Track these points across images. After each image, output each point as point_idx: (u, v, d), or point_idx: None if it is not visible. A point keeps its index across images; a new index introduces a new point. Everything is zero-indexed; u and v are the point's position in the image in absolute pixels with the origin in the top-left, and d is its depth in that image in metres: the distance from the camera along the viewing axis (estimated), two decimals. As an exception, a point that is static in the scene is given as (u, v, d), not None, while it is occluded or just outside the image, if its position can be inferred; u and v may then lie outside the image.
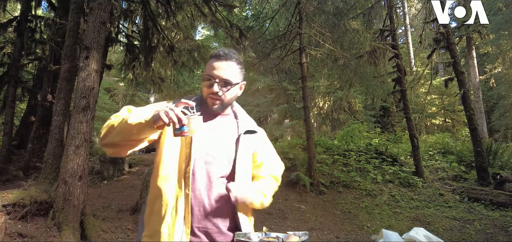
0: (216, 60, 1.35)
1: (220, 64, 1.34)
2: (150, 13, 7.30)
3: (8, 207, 3.78)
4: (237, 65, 1.39)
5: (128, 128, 1.20)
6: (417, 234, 3.84)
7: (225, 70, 1.34)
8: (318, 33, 8.06)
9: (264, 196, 1.42)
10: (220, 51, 1.38)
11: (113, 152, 1.32)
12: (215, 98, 1.34)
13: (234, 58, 1.38)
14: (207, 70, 1.35)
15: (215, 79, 1.32)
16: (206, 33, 21.42)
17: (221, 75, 1.33)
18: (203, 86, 1.37)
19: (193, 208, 1.26)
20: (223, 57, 1.36)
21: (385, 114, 15.39)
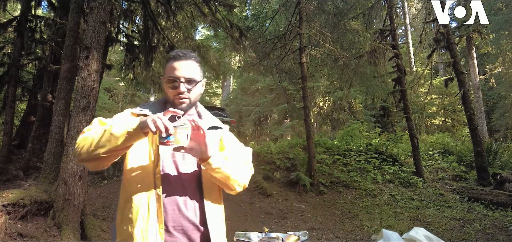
0: (175, 60, 1.38)
1: (181, 64, 1.37)
2: (150, 13, 7.30)
3: (8, 207, 3.78)
4: (197, 63, 1.42)
5: (114, 138, 1.20)
6: (417, 234, 3.84)
7: (187, 69, 1.37)
8: (318, 33, 8.06)
9: (226, 160, 1.34)
10: (178, 51, 1.40)
11: (95, 165, 1.31)
12: (183, 97, 1.37)
13: (193, 57, 1.41)
14: (169, 72, 1.37)
15: (180, 79, 1.35)
16: (206, 33, 21.43)
17: (184, 74, 1.36)
18: (167, 89, 1.39)
19: (167, 207, 1.27)
20: (183, 57, 1.39)
21: (385, 114, 15.39)
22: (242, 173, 1.40)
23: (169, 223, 1.26)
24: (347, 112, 14.19)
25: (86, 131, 1.31)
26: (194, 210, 1.30)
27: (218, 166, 1.28)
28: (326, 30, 8.13)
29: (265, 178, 7.53)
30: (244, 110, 18.63)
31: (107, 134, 1.22)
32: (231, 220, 5.45)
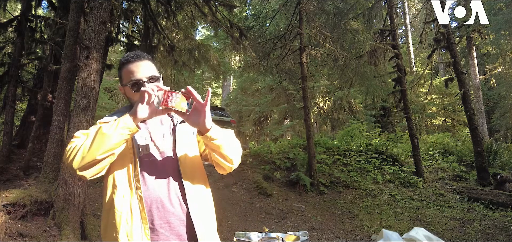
0: (130, 64, 1.35)
1: (136, 65, 1.35)
2: (151, 13, 7.31)
3: (9, 207, 3.78)
4: (150, 61, 1.40)
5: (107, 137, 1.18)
6: (417, 234, 3.84)
7: (145, 68, 1.36)
8: (318, 33, 8.06)
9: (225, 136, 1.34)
10: (130, 54, 1.37)
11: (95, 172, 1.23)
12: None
13: (146, 56, 1.39)
14: (128, 77, 1.34)
15: (142, 79, 1.33)
16: (207, 33, 21.44)
17: (145, 74, 1.34)
18: (132, 94, 1.35)
19: (151, 206, 1.26)
20: (137, 58, 1.36)
21: (385, 114, 15.38)
22: (237, 149, 1.40)
23: (155, 221, 1.25)
24: (347, 112, 14.19)
25: (76, 141, 1.26)
26: (179, 204, 1.30)
27: (217, 137, 1.28)
28: (326, 30, 8.13)
29: (265, 178, 7.53)
30: (244, 110, 18.63)
31: (99, 135, 1.19)
32: (231, 220, 5.45)
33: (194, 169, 1.38)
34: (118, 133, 1.18)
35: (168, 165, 1.34)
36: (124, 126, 1.19)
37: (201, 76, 22.57)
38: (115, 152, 1.22)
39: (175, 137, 1.39)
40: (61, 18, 7.27)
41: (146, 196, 1.26)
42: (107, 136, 1.18)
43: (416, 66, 18.03)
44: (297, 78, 9.37)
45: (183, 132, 1.42)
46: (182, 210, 1.30)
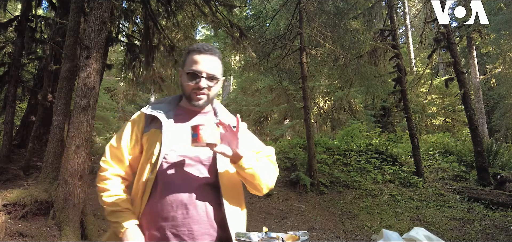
0: (199, 54, 1.32)
1: (204, 58, 1.31)
2: (151, 13, 7.30)
3: (9, 207, 3.78)
4: (220, 60, 1.37)
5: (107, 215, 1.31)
6: (417, 234, 3.84)
7: (210, 64, 1.32)
8: (318, 32, 8.06)
9: (258, 164, 1.29)
10: (203, 45, 1.34)
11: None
12: (202, 93, 1.32)
13: (217, 53, 1.36)
14: (190, 65, 1.32)
15: (201, 74, 1.30)
16: (207, 32, 21.43)
17: (206, 70, 1.31)
18: (186, 82, 1.33)
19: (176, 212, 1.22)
20: (207, 51, 1.33)
21: (386, 114, 15.38)
22: (270, 174, 1.36)
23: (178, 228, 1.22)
24: (347, 112, 14.18)
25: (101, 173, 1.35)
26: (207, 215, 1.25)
27: (250, 166, 1.24)
28: (327, 30, 8.13)
29: (265, 178, 7.53)
30: (244, 110, 18.63)
31: (106, 210, 1.31)
32: (231, 220, 5.44)
33: (232, 185, 1.33)
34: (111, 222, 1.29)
35: (204, 174, 1.29)
36: (116, 227, 1.26)
37: (201, 76, 22.53)
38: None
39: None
40: (61, 18, 7.28)
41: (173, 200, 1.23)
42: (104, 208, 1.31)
43: (416, 66, 18.02)
44: (297, 78, 9.37)
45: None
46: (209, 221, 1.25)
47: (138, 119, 1.37)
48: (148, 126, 1.34)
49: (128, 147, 1.35)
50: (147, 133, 1.33)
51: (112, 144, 1.37)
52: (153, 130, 1.32)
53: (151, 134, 1.31)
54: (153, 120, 1.34)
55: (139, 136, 1.35)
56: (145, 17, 7.37)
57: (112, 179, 1.33)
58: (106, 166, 1.35)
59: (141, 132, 1.35)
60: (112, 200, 1.29)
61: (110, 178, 1.33)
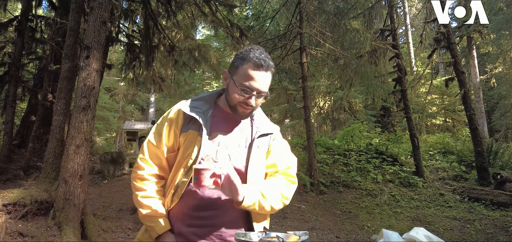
0: (256, 69, 1.25)
1: (260, 76, 1.26)
2: (151, 13, 7.30)
3: (9, 207, 3.78)
4: (272, 74, 1.32)
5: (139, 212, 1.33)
6: (418, 234, 3.84)
7: (265, 83, 1.28)
8: (318, 32, 8.05)
9: (264, 198, 1.29)
10: (261, 59, 1.26)
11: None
12: (249, 109, 1.30)
13: (272, 67, 1.30)
14: (245, 79, 1.25)
15: (254, 91, 1.25)
16: (207, 32, 21.43)
17: (260, 88, 1.26)
18: (234, 92, 1.28)
19: (208, 212, 1.27)
20: (264, 67, 1.26)
21: (386, 114, 15.38)
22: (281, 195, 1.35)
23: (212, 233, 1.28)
24: (347, 112, 14.19)
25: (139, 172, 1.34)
26: (238, 217, 1.31)
27: (253, 203, 1.23)
28: (327, 30, 8.12)
29: (265, 177, 7.53)
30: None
31: (140, 211, 1.31)
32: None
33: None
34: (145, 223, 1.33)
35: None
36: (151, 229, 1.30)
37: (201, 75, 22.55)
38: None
39: (250, 154, 1.32)
40: (61, 18, 7.28)
41: (205, 207, 1.27)
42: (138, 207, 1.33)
43: (417, 66, 18.02)
44: (297, 78, 9.37)
45: (258, 150, 1.35)
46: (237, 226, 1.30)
47: (176, 117, 1.35)
48: (187, 126, 1.32)
49: (167, 146, 1.34)
50: (185, 133, 1.32)
51: (151, 142, 1.35)
52: (192, 132, 1.31)
53: (189, 135, 1.31)
54: (191, 120, 1.32)
55: (178, 134, 1.33)
56: (145, 17, 7.38)
57: (150, 179, 1.33)
58: (144, 164, 1.33)
59: (179, 131, 1.33)
60: (147, 203, 1.30)
61: (148, 178, 1.33)
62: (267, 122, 1.44)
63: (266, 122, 1.43)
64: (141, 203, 1.30)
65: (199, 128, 1.30)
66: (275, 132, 1.44)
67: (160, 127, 1.36)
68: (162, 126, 1.35)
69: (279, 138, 1.48)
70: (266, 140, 1.40)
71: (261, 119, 1.43)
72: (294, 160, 1.50)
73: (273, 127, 1.44)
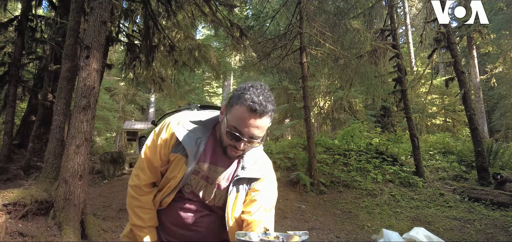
0: (249, 114, 1.13)
1: (255, 123, 1.14)
2: (151, 13, 7.30)
3: (9, 206, 3.78)
4: (271, 118, 1.19)
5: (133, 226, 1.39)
6: (418, 234, 3.84)
7: (259, 129, 1.16)
8: (318, 32, 8.05)
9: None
10: (257, 103, 1.12)
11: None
12: (239, 153, 1.24)
13: (269, 112, 1.16)
14: (236, 122, 1.15)
15: (244, 137, 1.16)
16: (207, 32, 21.44)
17: (253, 134, 1.16)
18: (225, 134, 1.19)
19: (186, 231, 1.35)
20: (259, 113, 1.13)
21: (386, 114, 15.38)
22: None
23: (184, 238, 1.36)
24: (347, 112, 14.19)
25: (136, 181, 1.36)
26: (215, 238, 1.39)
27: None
28: (327, 30, 8.12)
29: (265, 177, 7.52)
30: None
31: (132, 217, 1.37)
32: (232, 220, 5.43)
33: (238, 222, 1.33)
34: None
35: (212, 210, 1.38)
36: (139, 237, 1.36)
37: (201, 75, 22.57)
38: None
39: (230, 194, 1.30)
40: (62, 17, 7.28)
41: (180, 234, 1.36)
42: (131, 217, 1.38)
43: (417, 66, 18.02)
44: (298, 78, 9.37)
45: (237, 191, 1.31)
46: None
47: (169, 138, 1.30)
48: (176, 147, 1.29)
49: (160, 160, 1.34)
50: (174, 154, 1.30)
51: (147, 154, 1.35)
52: (179, 156, 1.29)
53: (177, 158, 1.30)
54: (181, 144, 1.27)
55: (167, 153, 1.32)
56: (145, 17, 7.38)
57: (145, 190, 1.36)
58: (141, 174, 1.35)
59: (169, 150, 1.31)
60: (141, 214, 1.35)
61: (142, 188, 1.35)
62: (257, 162, 1.33)
63: (255, 163, 1.33)
64: (135, 212, 1.36)
65: (187, 155, 1.27)
66: (263, 175, 1.33)
67: (156, 141, 1.34)
68: (157, 141, 1.34)
69: (268, 181, 1.36)
70: (249, 182, 1.32)
71: (252, 157, 1.32)
72: (274, 201, 1.38)
73: (262, 170, 1.33)
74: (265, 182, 1.35)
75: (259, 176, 1.32)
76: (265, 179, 1.35)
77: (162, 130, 1.33)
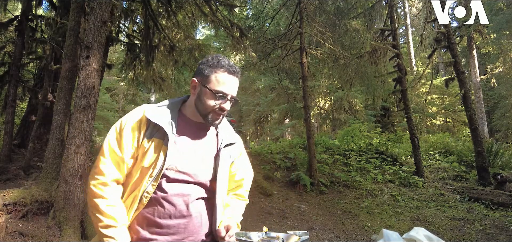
0: (227, 74, 1.31)
1: (233, 81, 1.32)
2: (151, 13, 7.30)
3: (9, 206, 3.78)
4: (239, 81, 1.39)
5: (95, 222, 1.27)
6: (418, 234, 3.84)
7: (236, 87, 1.34)
8: (318, 32, 8.05)
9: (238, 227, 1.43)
10: (231, 65, 1.32)
11: None
12: (221, 115, 1.33)
13: (240, 74, 1.37)
14: (219, 85, 1.29)
15: (228, 96, 1.31)
16: (207, 32, 21.44)
17: (233, 93, 1.32)
18: (208, 99, 1.29)
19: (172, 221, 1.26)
20: (236, 73, 1.33)
21: (386, 114, 15.37)
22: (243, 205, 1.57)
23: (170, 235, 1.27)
24: (347, 112, 14.19)
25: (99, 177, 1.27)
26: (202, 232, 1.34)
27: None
28: (327, 30, 8.12)
29: (265, 177, 7.54)
30: (244, 109, 18.63)
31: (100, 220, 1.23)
32: (232, 220, 5.43)
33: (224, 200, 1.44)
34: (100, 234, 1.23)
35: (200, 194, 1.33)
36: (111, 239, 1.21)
37: (202, 75, 22.55)
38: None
39: (218, 164, 1.36)
40: (62, 17, 7.28)
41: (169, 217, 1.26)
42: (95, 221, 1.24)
43: (417, 66, 18.02)
44: (298, 78, 9.37)
45: (224, 160, 1.39)
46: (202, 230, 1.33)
47: (139, 123, 1.30)
48: (150, 132, 1.28)
49: (129, 153, 1.28)
50: (148, 140, 1.27)
51: (112, 147, 1.28)
52: (156, 140, 1.27)
53: (154, 143, 1.27)
54: (155, 127, 1.28)
55: (140, 140, 1.29)
56: (145, 17, 7.38)
57: (111, 186, 1.26)
58: (105, 169, 1.26)
59: (142, 137, 1.29)
60: (111, 212, 1.22)
61: (109, 184, 1.26)
62: (231, 132, 1.47)
63: (230, 132, 1.46)
64: (103, 212, 1.21)
65: (164, 137, 1.27)
66: (238, 143, 1.49)
67: (122, 131, 1.29)
68: (124, 131, 1.29)
69: (242, 149, 1.54)
70: (231, 149, 1.43)
71: (225, 129, 1.45)
72: (251, 175, 1.60)
73: (236, 137, 1.48)
74: (243, 157, 1.53)
75: (235, 140, 1.46)
76: (243, 152, 1.53)
77: (127, 122, 1.31)
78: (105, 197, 1.24)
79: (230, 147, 1.42)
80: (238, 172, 1.50)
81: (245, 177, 1.55)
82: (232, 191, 1.52)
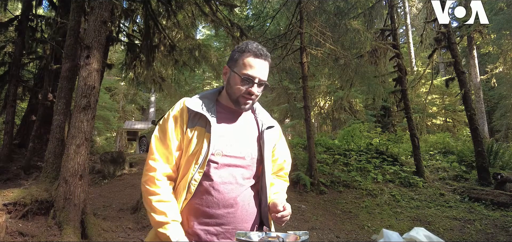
0: (256, 58, 1.31)
1: (260, 64, 1.31)
2: (151, 12, 7.30)
3: (9, 206, 3.79)
4: (270, 64, 1.37)
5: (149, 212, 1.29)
6: (418, 234, 3.84)
7: (265, 70, 1.33)
8: (319, 32, 8.05)
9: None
10: (260, 48, 1.32)
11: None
12: (251, 99, 1.33)
13: (269, 58, 1.35)
14: (246, 69, 1.29)
15: (255, 79, 1.30)
16: (207, 32, 21.43)
17: (261, 76, 1.31)
18: (236, 84, 1.31)
19: (221, 210, 1.28)
20: (263, 56, 1.32)
21: (386, 114, 15.37)
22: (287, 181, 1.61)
23: (224, 226, 1.29)
24: (347, 112, 14.19)
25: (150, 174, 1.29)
26: (251, 216, 1.35)
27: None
28: (327, 30, 8.12)
29: (265, 177, 7.52)
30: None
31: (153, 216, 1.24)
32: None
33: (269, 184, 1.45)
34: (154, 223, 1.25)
35: (249, 174, 1.35)
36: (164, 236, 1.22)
37: (202, 75, 22.56)
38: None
39: (264, 146, 1.37)
40: (62, 17, 7.28)
41: (219, 200, 1.28)
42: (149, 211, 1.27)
43: (417, 66, 18.02)
44: (298, 78, 9.36)
45: (268, 143, 1.40)
46: (252, 222, 1.34)
47: (181, 113, 1.34)
48: (192, 122, 1.32)
49: (175, 143, 1.31)
50: (191, 129, 1.31)
51: (158, 141, 1.32)
52: (199, 128, 1.30)
53: (197, 131, 1.30)
54: (196, 115, 1.32)
55: (184, 130, 1.32)
56: (145, 17, 7.38)
57: (162, 180, 1.28)
58: (155, 165, 1.29)
59: (186, 126, 1.32)
60: (162, 208, 1.24)
61: (161, 179, 1.28)
62: (269, 116, 1.49)
63: (268, 116, 1.49)
64: (155, 208, 1.23)
65: (206, 124, 1.30)
66: (277, 126, 1.51)
67: (166, 125, 1.33)
68: (167, 124, 1.33)
69: (281, 132, 1.56)
70: (271, 132, 1.45)
71: (264, 113, 1.48)
72: (290, 158, 1.63)
73: (274, 121, 1.50)
74: (282, 140, 1.56)
75: (274, 124, 1.48)
76: (282, 136, 1.55)
77: (170, 114, 1.36)
78: (156, 192, 1.26)
79: (270, 130, 1.44)
80: (280, 155, 1.52)
81: (286, 159, 1.56)
82: (274, 173, 1.54)
